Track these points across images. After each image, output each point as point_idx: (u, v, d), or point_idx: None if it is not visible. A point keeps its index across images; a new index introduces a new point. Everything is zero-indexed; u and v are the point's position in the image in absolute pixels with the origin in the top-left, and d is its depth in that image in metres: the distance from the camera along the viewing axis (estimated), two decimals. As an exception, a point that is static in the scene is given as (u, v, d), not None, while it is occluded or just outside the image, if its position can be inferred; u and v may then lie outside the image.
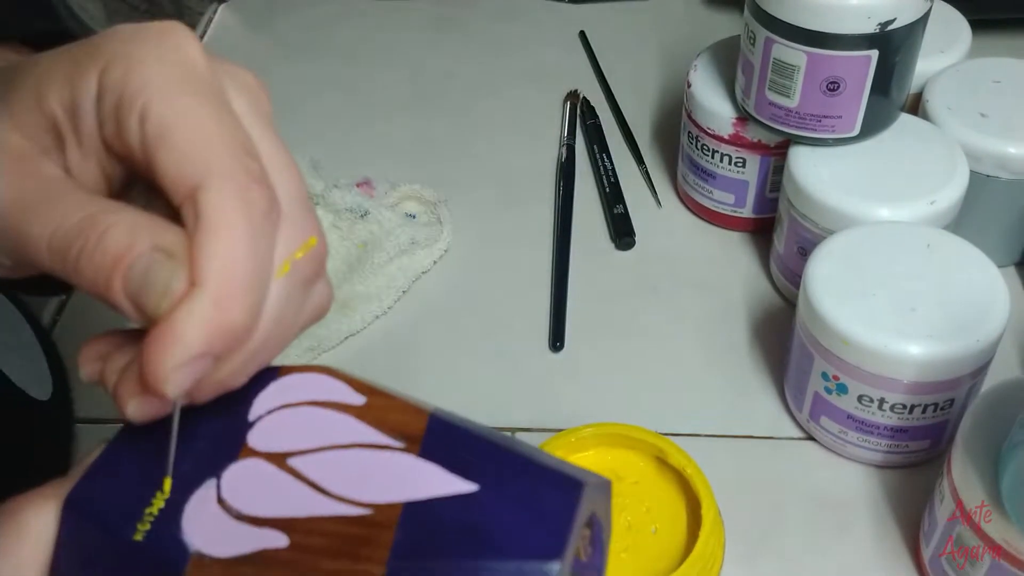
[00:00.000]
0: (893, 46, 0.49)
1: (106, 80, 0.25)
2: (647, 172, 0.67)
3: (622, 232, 0.62)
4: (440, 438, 0.27)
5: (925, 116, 0.56)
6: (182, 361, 0.23)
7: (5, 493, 0.27)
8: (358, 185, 0.63)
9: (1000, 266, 0.47)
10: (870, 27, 0.48)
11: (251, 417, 0.28)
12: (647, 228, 0.63)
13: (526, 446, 0.29)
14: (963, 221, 0.52)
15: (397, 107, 0.71)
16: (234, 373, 0.26)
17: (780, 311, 0.58)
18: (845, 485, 0.49)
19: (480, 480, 0.26)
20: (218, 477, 0.26)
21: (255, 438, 0.27)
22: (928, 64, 0.57)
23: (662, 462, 0.42)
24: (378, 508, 0.26)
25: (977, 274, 0.46)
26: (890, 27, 0.48)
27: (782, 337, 0.55)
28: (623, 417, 0.45)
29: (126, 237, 0.24)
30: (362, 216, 0.61)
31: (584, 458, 0.43)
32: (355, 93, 0.76)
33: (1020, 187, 0.54)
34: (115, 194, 0.27)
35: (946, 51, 0.59)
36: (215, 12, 0.85)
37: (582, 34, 0.81)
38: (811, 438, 0.51)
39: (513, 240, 0.63)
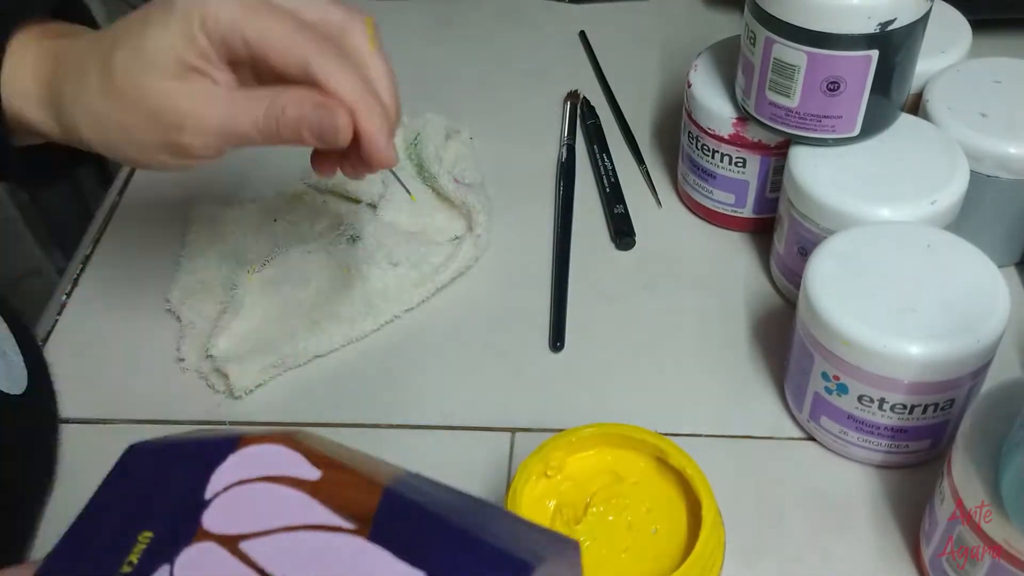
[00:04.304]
0: (893, 46, 0.49)
1: (210, 31, 0.40)
2: (647, 172, 0.67)
3: (622, 232, 0.62)
4: (391, 518, 0.27)
5: (925, 116, 0.56)
6: (385, 142, 0.42)
7: None
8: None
9: (1000, 266, 0.47)
10: (870, 27, 0.48)
11: (207, 495, 0.27)
12: (647, 228, 0.63)
13: (492, 511, 0.28)
14: (963, 221, 0.52)
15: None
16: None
17: (780, 311, 0.58)
18: (845, 485, 0.49)
19: (427, 565, 0.25)
20: (172, 563, 0.26)
21: (209, 519, 0.27)
22: (928, 64, 0.57)
23: (662, 462, 0.42)
24: None
25: (977, 274, 0.46)
26: (890, 27, 0.48)
27: (782, 337, 0.55)
28: (623, 417, 0.44)
29: (297, 106, 0.41)
30: (352, 240, 0.60)
31: (584, 458, 0.43)
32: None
33: (1021, 187, 0.54)
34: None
35: (946, 51, 0.59)
36: (215, 12, 0.85)
37: (582, 34, 0.81)
38: (811, 438, 0.51)
39: (513, 240, 0.63)
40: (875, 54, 0.49)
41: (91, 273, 0.62)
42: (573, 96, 0.73)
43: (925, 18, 0.50)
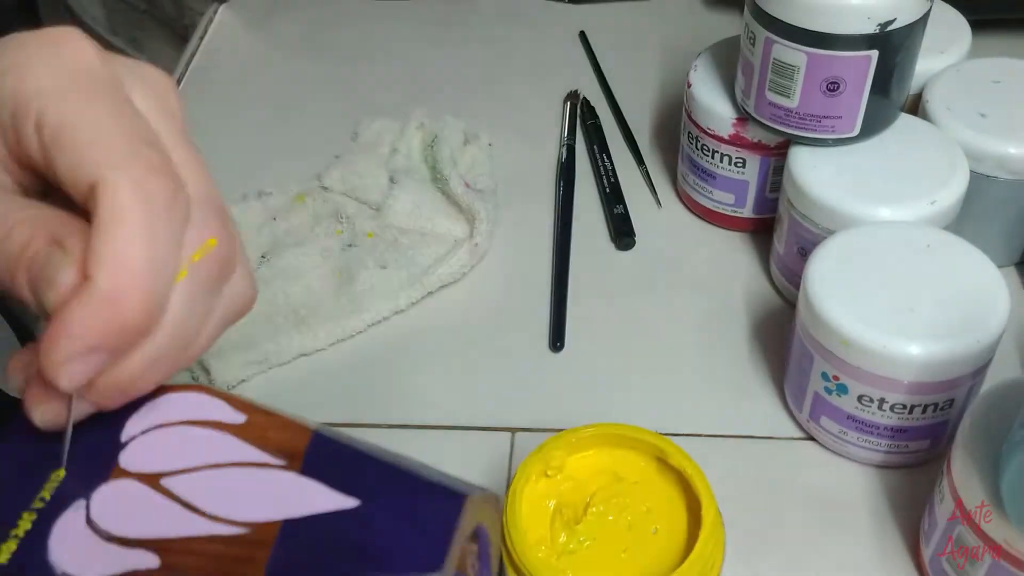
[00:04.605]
0: (893, 46, 0.49)
1: (2, 91, 0.24)
2: (647, 172, 0.67)
3: (622, 232, 0.62)
4: (322, 455, 0.27)
5: (925, 116, 0.56)
6: (71, 353, 0.23)
7: None
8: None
9: (1000, 266, 0.47)
10: (870, 27, 0.48)
11: (123, 438, 0.27)
12: (647, 228, 0.63)
13: (412, 461, 0.28)
14: (963, 221, 0.52)
15: (397, 107, 0.71)
16: (136, 377, 0.25)
17: (780, 311, 0.58)
18: (845, 485, 0.49)
19: (361, 495, 0.26)
20: (87, 498, 0.25)
21: (127, 458, 0.26)
22: (928, 64, 0.57)
23: (662, 462, 0.42)
24: (255, 527, 0.25)
25: (977, 274, 0.46)
26: (890, 27, 0.48)
27: (782, 337, 0.55)
28: (623, 417, 0.44)
29: (28, 233, 0.24)
30: (348, 247, 0.60)
31: (584, 458, 0.43)
32: (355, 93, 0.76)
33: (1020, 187, 0.54)
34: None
35: (946, 51, 0.59)
36: (215, 12, 0.85)
37: (582, 34, 0.81)
38: (811, 438, 0.51)
39: (513, 240, 0.63)
40: (875, 54, 0.49)
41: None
42: (573, 96, 0.73)
43: (925, 18, 0.50)
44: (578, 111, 0.72)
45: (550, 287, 0.60)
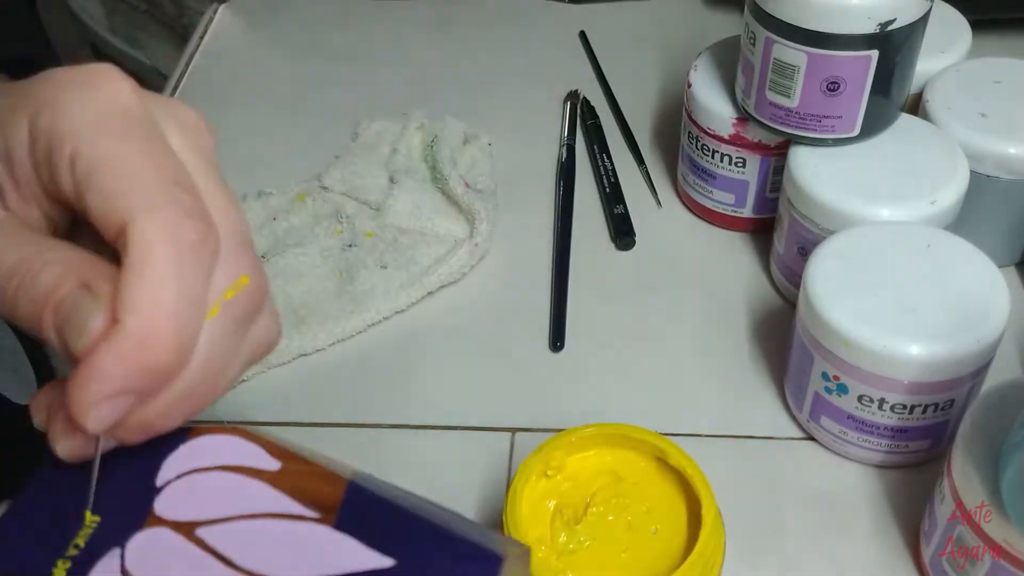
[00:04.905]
0: (893, 46, 0.49)
1: (36, 126, 0.24)
2: (647, 172, 0.67)
3: (622, 232, 0.62)
4: (357, 508, 0.27)
5: (925, 116, 0.56)
6: (100, 396, 0.23)
7: None
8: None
9: (1000, 266, 0.47)
10: (870, 27, 0.48)
11: (159, 482, 0.26)
12: (647, 228, 0.63)
13: (447, 513, 0.28)
14: (963, 221, 0.52)
15: (397, 107, 0.71)
16: (163, 415, 0.25)
17: (780, 311, 0.58)
18: (845, 485, 0.49)
19: (397, 554, 0.25)
20: (122, 547, 0.25)
21: (162, 505, 0.26)
22: (928, 64, 0.57)
23: (662, 462, 0.42)
24: None
25: (977, 274, 0.46)
26: (890, 27, 0.48)
27: (782, 337, 0.55)
28: (623, 417, 0.45)
29: (57, 275, 0.24)
30: (348, 247, 0.60)
31: (584, 458, 0.43)
32: (355, 93, 0.76)
33: (1021, 187, 0.54)
34: (62, 237, 0.27)
35: (946, 51, 0.59)
36: (215, 12, 0.85)
37: (582, 34, 0.81)
38: (811, 438, 0.51)
39: (513, 240, 0.63)
40: (875, 54, 0.49)
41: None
42: (573, 96, 0.73)
43: (925, 18, 0.50)
44: (578, 111, 0.72)
45: (550, 287, 0.60)
